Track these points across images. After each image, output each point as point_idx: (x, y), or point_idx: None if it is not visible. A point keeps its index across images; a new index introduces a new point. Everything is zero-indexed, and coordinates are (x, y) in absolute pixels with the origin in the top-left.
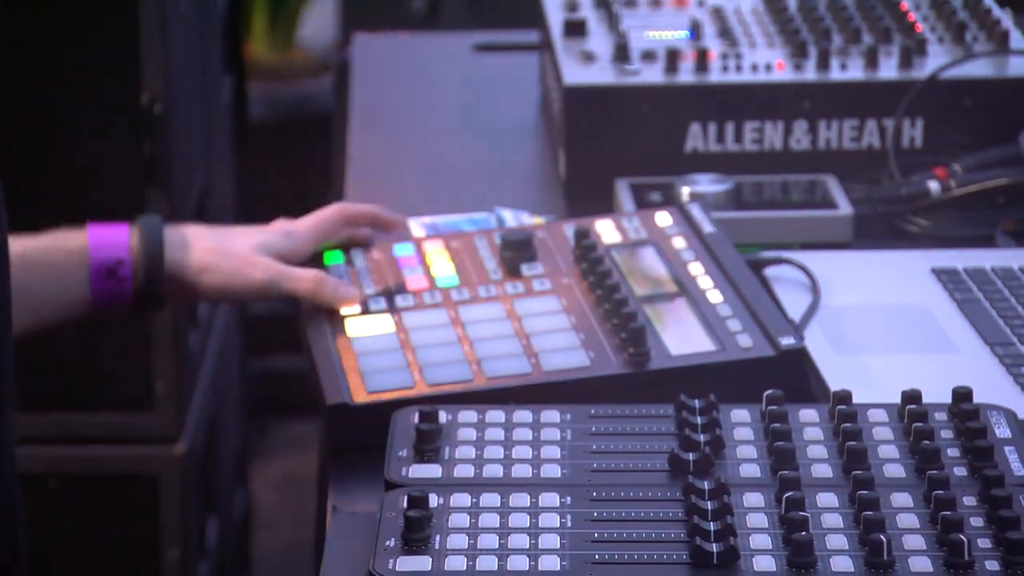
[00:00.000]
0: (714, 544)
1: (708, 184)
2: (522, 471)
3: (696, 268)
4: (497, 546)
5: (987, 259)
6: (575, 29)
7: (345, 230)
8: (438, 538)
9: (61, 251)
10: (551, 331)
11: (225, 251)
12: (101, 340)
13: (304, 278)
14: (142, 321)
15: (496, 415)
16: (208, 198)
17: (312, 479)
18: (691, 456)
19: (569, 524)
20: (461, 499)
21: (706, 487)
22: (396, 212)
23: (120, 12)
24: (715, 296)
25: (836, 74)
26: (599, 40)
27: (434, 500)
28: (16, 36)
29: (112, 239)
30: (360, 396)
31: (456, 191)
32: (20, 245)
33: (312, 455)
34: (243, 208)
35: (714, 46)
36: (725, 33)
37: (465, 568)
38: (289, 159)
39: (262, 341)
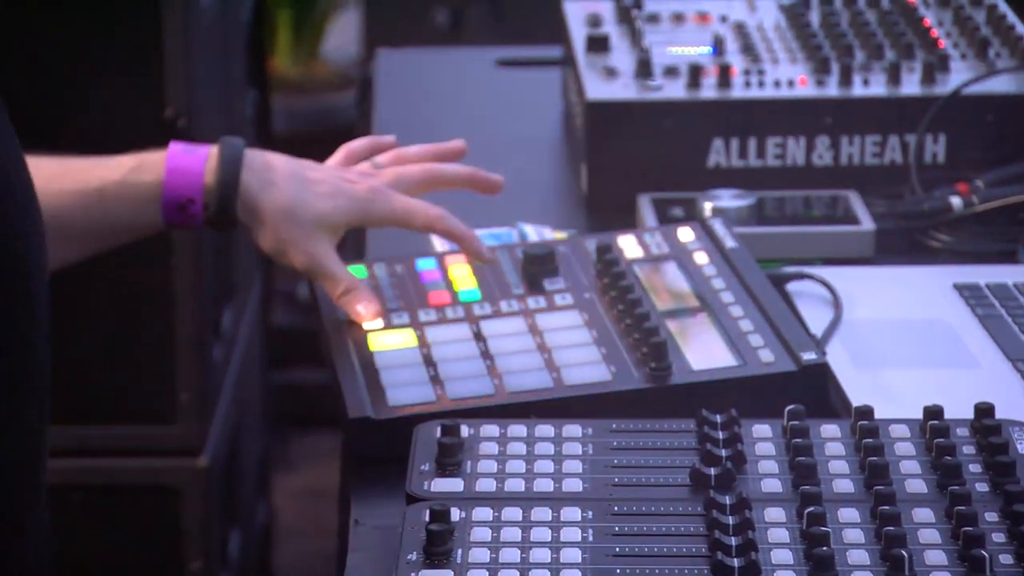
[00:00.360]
0: (735, 559)
1: (730, 199)
2: (544, 485)
3: (718, 283)
4: (519, 560)
5: (1009, 275)
6: (598, 45)
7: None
8: (460, 552)
9: (137, 186)
10: (573, 345)
11: (290, 217)
12: (125, 353)
13: (337, 283)
14: (166, 334)
15: (518, 429)
16: None
17: (334, 491)
18: (712, 471)
19: (590, 538)
20: (483, 513)
21: (727, 502)
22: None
23: (144, 26)
24: (737, 311)
25: (858, 90)
26: (622, 56)
27: (456, 514)
28: (40, 50)
29: (188, 171)
30: (382, 410)
31: (478, 206)
32: (98, 179)
33: (334, 467)
34: None
35: (736, 62)
36: (748, 49)
37: None
38: None
39: (285, 353)
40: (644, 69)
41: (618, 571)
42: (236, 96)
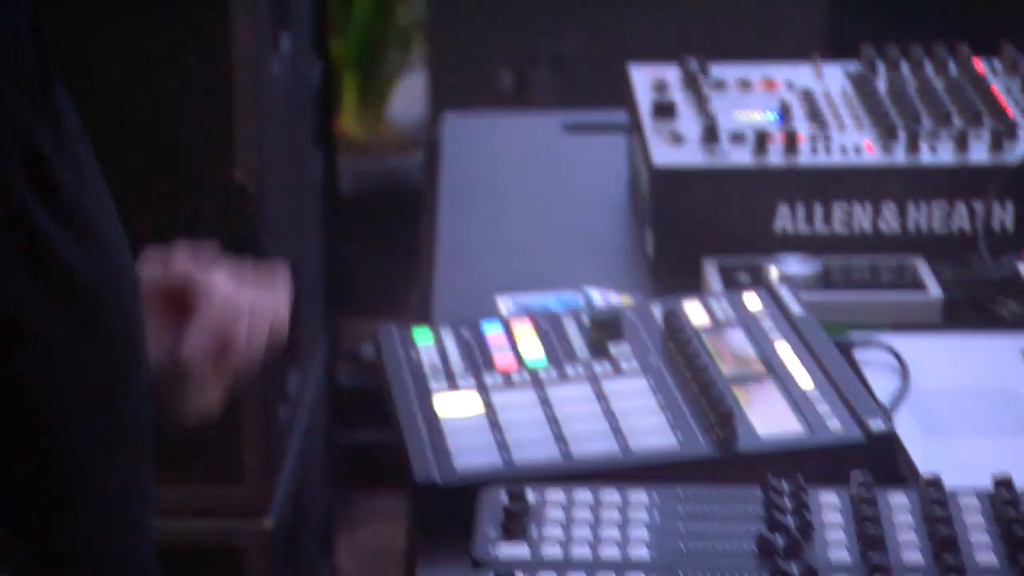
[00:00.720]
0: None
1: (796, 265)
2: (609, 552)
3: (784, 349)
4: None
5: None
6: (664, 110)
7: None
8: None
9: None
10: (639, 412)
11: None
12: None
13: None
14: (232, 395)
15: (584, 495)
16: (298, 274)
17: (398, 551)
18: (779, 539)
19: None
20: None
21: (794, 570)
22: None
23: (215, 89)
24: (804, 378)
25: (926, 157)
26: (688, 121)
27: None
28: (111, 111)
29: None
30: (449, 475)
31: (544, 269)
32: None
33: (398, 527)
34: (332, 282)
35: (803, 128)
36: (814, 115)
37: None
38: (378, 233)
39: (349, 413)
40: (710, 135)
41: None
42: (303, 158)
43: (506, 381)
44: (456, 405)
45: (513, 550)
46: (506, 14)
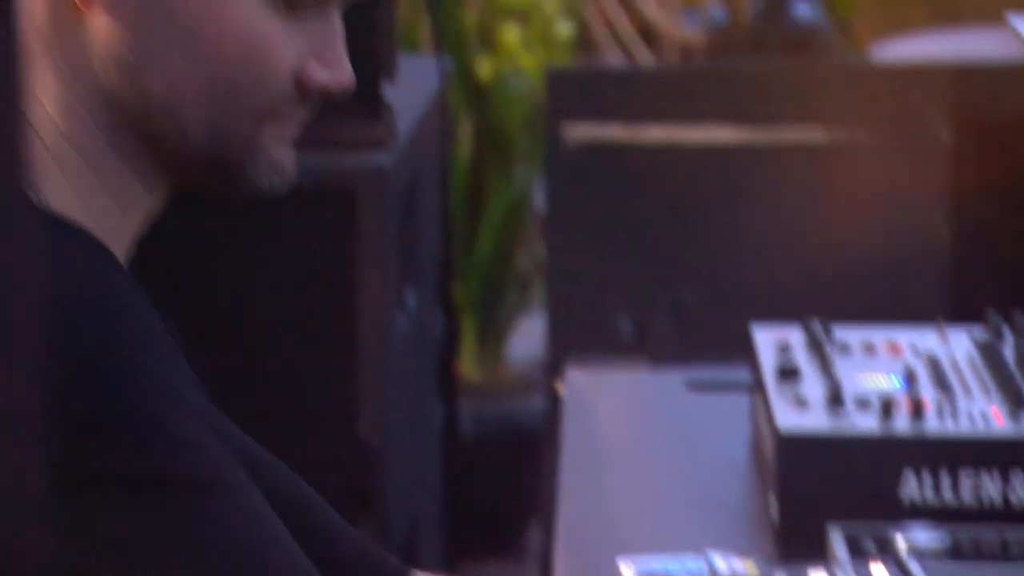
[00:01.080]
0: None
1: (924, 535)
2: None
3: None
4: None
5: None
6: (788, 374)
7: None
8: None
9: None
10: None
11: None
12: None
13: None
14: None
15: None
16: (419, 524)
17: None
18: None
19: None
20: None
21: None
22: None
23: (341, 345)
24: None
25: None
26: (812, 384)
27: None
28: (237, 363)
29: None
30: None
31: (667, 529)
32: None
33: None
34: (451, 526)
35: (928, 394)
36: (940, 381)
37: None
38: (497, 476)
39: None
40: (835, 399)
41: None
42: (426, 409)
43: None
44: None
45: None
46: (625, 261)
